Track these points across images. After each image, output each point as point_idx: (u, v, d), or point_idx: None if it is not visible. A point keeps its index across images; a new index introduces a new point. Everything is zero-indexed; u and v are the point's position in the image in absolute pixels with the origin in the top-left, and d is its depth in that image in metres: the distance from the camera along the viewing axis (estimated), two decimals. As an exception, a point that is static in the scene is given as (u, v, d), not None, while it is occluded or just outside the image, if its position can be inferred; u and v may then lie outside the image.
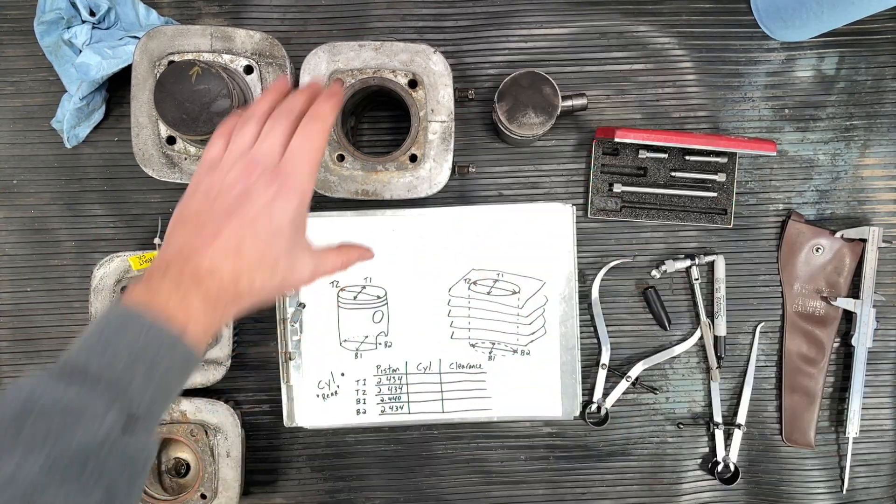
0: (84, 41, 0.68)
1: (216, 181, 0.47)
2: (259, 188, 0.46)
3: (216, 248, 0.44)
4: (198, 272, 0.43)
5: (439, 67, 0.65)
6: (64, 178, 0.76)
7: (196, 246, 0.44)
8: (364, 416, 0.75)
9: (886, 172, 0.77)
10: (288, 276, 0.48)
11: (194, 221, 0.46)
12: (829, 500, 0.79)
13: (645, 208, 0.76)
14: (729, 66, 0.76)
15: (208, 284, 0.43)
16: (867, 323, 0.75)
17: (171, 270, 0.43)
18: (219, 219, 0.45)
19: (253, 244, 0.45)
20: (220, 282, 0.44)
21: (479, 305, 0.75)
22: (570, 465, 0.78)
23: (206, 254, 0.44)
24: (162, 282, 0.43)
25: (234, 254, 0.44)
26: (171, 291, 0.42)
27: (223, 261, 0.44)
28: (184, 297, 0.42)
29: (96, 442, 0.37)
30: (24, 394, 0.38)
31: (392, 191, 0.66)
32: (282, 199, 0.46)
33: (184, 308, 0.42)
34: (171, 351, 0.41)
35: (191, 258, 0.44)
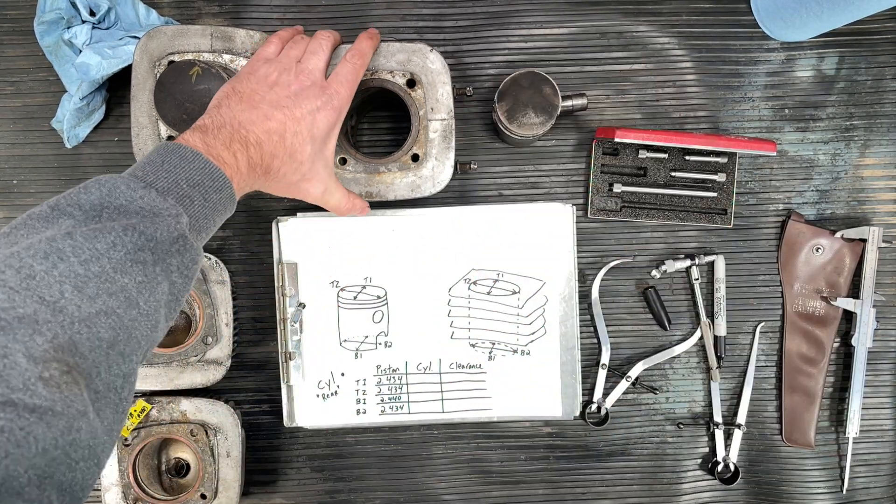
0: (84, 41, 0.68)
1: (272, 73, 0.56)
2: (310, 95, 0.55)
3: (266, 128, 0.52)
4: (247, 140, 0.51)
5: (437, 66, 0.65)
6: (64, 178, 0.76)
7: (250, 119, 0.52)
8: (364, 416, 0.75)
9: (886, 172, 0.77)
10: (304, 179, 0.57)
11: (248, 99, 0.54)
12: (829, 500, 0.79)
13: (645, 208, 0.76)
14: (729, 66, 0.76)
15: (252, 152, 0.51)
16: (867, 323, 0.75)
17: (224, 132, 0.50)
18: (272, 106, 0.53)
19: (293, 137, 0.54)
20: (261, 154, 0.52)
21: (479, 305, 0.75)
22: (570, 465, 0.78)
23: (256, 129, 0.52)
24: (217, 138, 0.50)
25: (278, 138, 0.53)
26: (223, 147, 0.50)
27: (268, 140, 0.52)
28: (234, 154, 0.50)
29: (170, 240, 0.43)
30: (107, 186, 0.43)
31: (396, 191, 0.66)
32: (325, 111, 0.56)
33: (233, 162, 0.50)
34: (221, 189, 0.48)
35: (243, 127, 0.51)
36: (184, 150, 0.47)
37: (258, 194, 0.76)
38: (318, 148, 0.56)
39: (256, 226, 0.76)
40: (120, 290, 0.40)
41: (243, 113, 0.52)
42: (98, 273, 0.39)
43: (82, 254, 0.39)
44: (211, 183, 0.47)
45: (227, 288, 0.72)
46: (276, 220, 0.73)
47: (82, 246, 0.39)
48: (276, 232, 0.73)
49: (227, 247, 0.77)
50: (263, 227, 0.76)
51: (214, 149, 0.49)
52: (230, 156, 0.50)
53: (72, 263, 0.38)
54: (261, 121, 0.52)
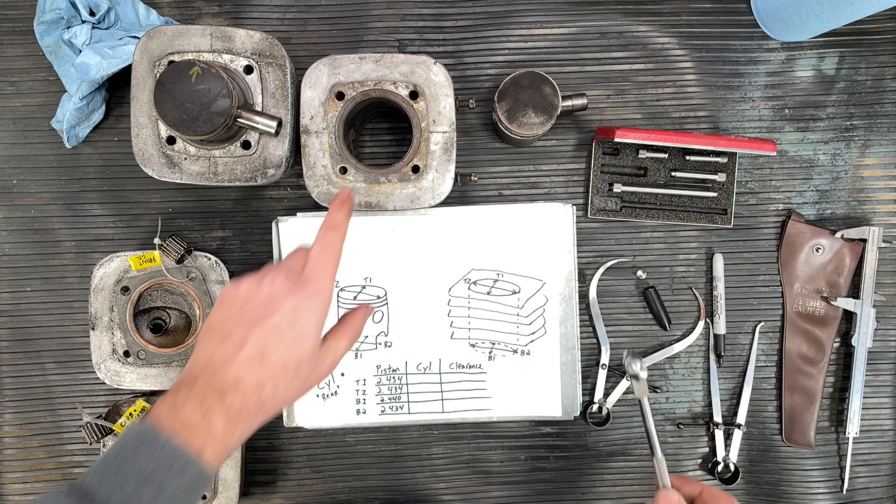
0: (84, 41, 0.68)
1: (241, 291, 0.48)
2: (283, 295, 0.47)
3: (241, 358, 0.45)
4: (223, 386, 0.44)
5: (440, 78, 0.65)
6: (64, 178, 0.76)
7: (224, 355, 0.46)
8: (364, 417, 0.75)
9: (886, 172, 0.77)
10: (311, 376, 0.49)
11: (220, 331, 0.47)
12: (829, 501, 0.79)
13: (645, 208, 0.76)
14: (729, 66, 0.76)
15: (231, 399, 0.44)
16: (867, 323, 0.75)
17: (197, 386, 0.44)
18: (244, 328, 0.47)
19: (277, 351, 0.46)
20: (243, 394, 0.45)
21: (479, 305, 0.75)
22: (570, 465, 0.78)
23: (231, 366, 0.45)
24: (187, 399, 0.44)
25: (259, 362, 0.45)
26: (193, 410, 0.43)
27: (247, 371, 0.45)
28: (205, 415, 0.43)
29: None
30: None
31: (395, 202, 0.66)
32: (305, 305, 0.47)
33: (205, 426, 0.43)
34: (182, 472, 0.41)
35: (217, 372, 0.45)
36: (144, 433, 0.42)
37: (258, 194, 0.76)
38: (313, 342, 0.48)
39: (256, 225, 0.76)
40: None
41: (216, 350, 0.46)
42: None
43: None
44: (167, 469, 0.41)
45: (226, 288, 0.72)
46: (276, 220, 0.73)
47: None
48: (275, 231, 0.73)
49: (226, 247, 0.77)
50: (263, 226, 0.76)
51: (183, 415, 0.43)
52: (201, 418, 0.43)
53: None
54: (235, 351, 0.46)
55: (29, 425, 0.77)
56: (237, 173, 0.66)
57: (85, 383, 0.77)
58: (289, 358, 0.47)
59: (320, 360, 0.49)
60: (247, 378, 0.45)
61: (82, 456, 0.77)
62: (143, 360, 0.72)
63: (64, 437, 0.77)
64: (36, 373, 0.77)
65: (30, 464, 0.77)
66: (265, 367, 0.46)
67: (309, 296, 0.48)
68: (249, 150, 0.66)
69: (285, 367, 0.46)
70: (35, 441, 0.77)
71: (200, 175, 0.66)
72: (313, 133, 0.66)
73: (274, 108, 0.65)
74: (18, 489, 0.77)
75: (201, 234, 0.76)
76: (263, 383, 0.45)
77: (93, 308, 0.71)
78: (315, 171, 0.66)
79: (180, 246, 0.71)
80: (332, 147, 0.66)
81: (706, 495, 0.52)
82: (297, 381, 0.48)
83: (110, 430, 0.69)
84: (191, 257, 0.72)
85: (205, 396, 0.44)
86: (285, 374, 0.46)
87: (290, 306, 0.47)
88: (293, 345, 0.47)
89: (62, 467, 0.77)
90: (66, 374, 0.77)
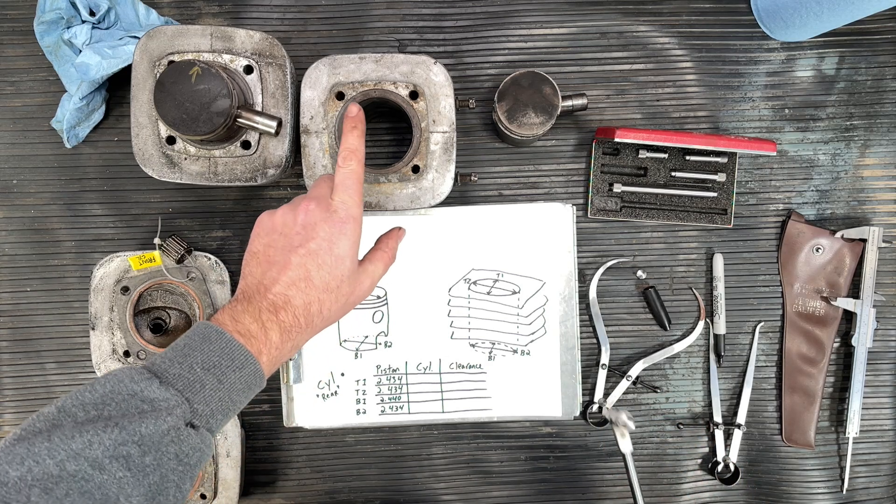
0: (84, 41, 0.68)
1: (277, 220, 0.53)
2: (318, 221, 0.52)
3: (287, 280, 0.50)
4: (275, 304, 0.49)
5: (440, 78, 0.65)
6: (64, 178, 0.76)
7: (271, 278, 0.51)
8: (364, 417, 0.75)
9: (886, 172, 0.77)
10: (353, 295, 0.54)
11: (264, 257, 0.52)
12: (829, 501, 0.79)
13: (645, 208, 0.76)
14: (729, 66, 0.76)
15: (284, 315, 0.49)
16: (867, 323, 0.75)
17: (252, 303, 0.49)
18: (286, 252, 0.51)
19: (319, 273, 0.51)
20: (294, 311, 0.50)
21: (479, 305, 0.75)
22: (570, 465, 0.78)
23: (279, 287, 0.50)
24: (244, 312, 0.49)
25: (304, 283, 0.50)
26: (252, 321, 0.48)
27: (297, 292, 0.50)
28: (262, 326, 0.48)
29: (160, 432, 0.42)
30: (112, 382, 0.44)
31: (395, 202, 0.66)
32: (339, 230, 0.52)
33: (262, 335, 0.48)
34: (241, 368, 0.47)
35: (268, 291, 0.50)
36: (209, 331, 0.47)
37: (258, 194, 0.76)
38: (350, 263, 0.53)
39: (256, 226, 0.76)
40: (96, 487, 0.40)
41: (265, 274, 0.51)
42: (74, 472, 0.39)
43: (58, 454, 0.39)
44: (229, 363, 0.46)
45: (226, 288, 0.72)
46: (276, 220, 0.73)
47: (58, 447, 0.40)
48: (276, 232, 0.73)
49: (226, 247, 0.77)
50: (263, 227, 0.76)
51: (243, 324, 0.48)
52: (259, 328, 0.48)
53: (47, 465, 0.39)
54: (280, 275, 0.50)
55: (29, 425, 0.77)
56: (237, 173, 0.66)
57: (85, 383, 0.76)
58: (330, 279, 0.51)
59: (359, 280, 0.54)
60: (295, 298, 0.50)
61: (82, 456, 0.77)
62: (143, 360, 0.72)
63: (64, 437, 0.77)
64: (36, 373, 0.77)
65: (30, 464, 0.77)
66: (310, 288, 0.51)
67: (342, 220, 0.52)
68: (249, 150, 0.66)
69: (328, 288, 0.51)
70: (35, 441, 0.77)
71: (200, 175, 0.66)
72: (313, 133, 0.66)
73: (274, 108, 0.65)
74: (18, 489, 0.77)
75: (201, 234, 0.76)
76: (310, 303, 0.50)
77: (93, 308, 0.71)
78: (315, 171, 0.66)
79: (180, 246, 0.71)
80: (332, 147, 0.66)
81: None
82: (339, 301, 0.53)
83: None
84: (191, 257, 0.72)
85: (260, 311, 0.49)
86: (328, 293, 0.51)
87: (326, 232, 0.52)
88: (333, 267, 0.51)
89: (62, 467, 0.77)
90: (66, 374, 0.77)
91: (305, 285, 0.50)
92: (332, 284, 0.51)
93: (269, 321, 0.49)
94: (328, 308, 0.52)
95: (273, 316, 0.49)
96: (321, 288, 0.51)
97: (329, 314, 0.52)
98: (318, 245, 0.51)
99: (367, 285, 0.55)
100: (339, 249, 0.52)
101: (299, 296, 0.50)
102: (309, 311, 0.50)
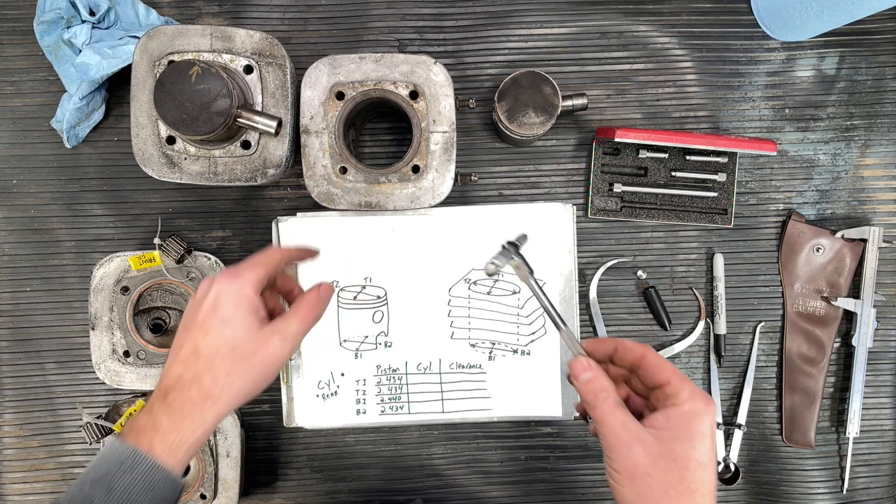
0: (84, 41, 0.68)
1: (188, 308, 0.51)
2: (206, 290, 0.50)
3: (179, 360, 0.48)
4: (166, 388, 0.48)
5: (440, 78, 0.65)
6: (64, 177, 0.76)
7: (168, 365, 0.49)
8: (364, 417, 0.75)
9: (887, 172, 0.77)
10: (257, 356, 0.49)
11: (172, 346, 0.50)
12: (829, 501, 0.78)
13: (645, 208, 0.76)
14: (729, 66, 0.76)
15: (172, 396, 0.47)
16: (867, 323, 0.75)
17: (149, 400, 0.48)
18: (181, 336, 0.50)
19: (206, 341, 0.48)
20: (182, 389, 0.47)
21: (479, 305, 0.75)
22: (570, 465, 0.78)
23: (172, 370, 0.48)
24: (140, 412, 0.48)
25: (194, 356, 0.48)
26: (142, 416, 0.47)
27: (184, 368, 0.48)
28: (152, 417, 0.46)
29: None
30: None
31: (395, 202, 0.66)
32: (224, 290, 0.49)
33: (151, 426, 0.46)
34: (131, 469, 0.44)
35: (164, 378, 0.48)
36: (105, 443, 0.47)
37: (258, 194, 0.76)
38: (241, 322, 0.49)
39: (256, 225, 0.76)
40: None
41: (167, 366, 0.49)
42: None
43: None
44: (118, 467, 0.44)
45: (226, 288, 0.72)
46: (276, 220, 0.73)
47: None
48: (275, 231, 0.73)
49: (226, 247, 0.76)
50: (263, 226, 0.76)
51: (135, 422, 0.47)
52: (147, 420, 0.46)
53: None
54: (175, 358, 0.49)
55: (29, 425, 0.77)
56: (237, 173, 0.66)
57: (85, 383, 0.77)
58: (220, 343, 0.48)
59: (264, 338, 0.49)
60: (184, 374, 0.48)
61: (82, 456, 0.77)
62: (143, 360, 0.72)
63: (64, 437, 0.77)
64: (36, 373, 0.77)
65: (30, 464, 0.77)
66: (199, 358, 0.48)
67: (227, 280, 0.49)
68: (249, 149, 0.66)
69: (219, 354, 0.48)
70: (35, 441, 0.77)
71: (200, 175, 0.66)
72: (313, 133, 0.66)
73: (274, 107, 0.65)
74: (18, 489, 0.77)
75: (201, 233, 0.76)
76: (200, 374, 0.47)
77: (93, 308, 0.71)
78: (315, 171, 0.66)
79: (180, 246, 0.71)
80: (331, 147, 0.66)
81: (621, 350, 0.49)
82: (239, 364, 0.48)
83: (110, 430, 0.69)
84: (191, 257, 0.72)
85: (153, 402, 0.47)
86: (221, 359, 0.48)
87: (212, 296, 0.49)
88: (220, 331, 0.48)
89: (62, 467, 0.77)
90: (65, 374, 0.77)
91: (194, 358, 0.48)
92: (224, 349, 0.48)
93: (158, 409, 0.47)
94: (225, 374, 0.47)
95: (162, 401, 0.47)
96: (211, 356, 0.48)
97: (230, 380, 0.48)
98: (205, 313, 0.49)
99: (276, 344, 0.49)
100: (225, 311, 0.48)
101: (188, 371, 0.47)
102: (200, 382, 0.47)
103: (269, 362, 0.49)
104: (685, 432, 0.44)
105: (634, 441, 0.44)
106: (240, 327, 0.48)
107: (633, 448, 0.43)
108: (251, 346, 0.48)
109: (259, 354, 0.49)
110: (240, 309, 0.49)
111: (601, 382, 0.46)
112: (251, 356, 0.48)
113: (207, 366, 0.47)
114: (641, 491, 0.43)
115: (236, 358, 0.48)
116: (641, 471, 0.43)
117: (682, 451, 0.43)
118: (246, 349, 0.48)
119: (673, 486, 0.43)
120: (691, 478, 0.43)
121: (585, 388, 0.47)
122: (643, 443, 0.44)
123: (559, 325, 0.50)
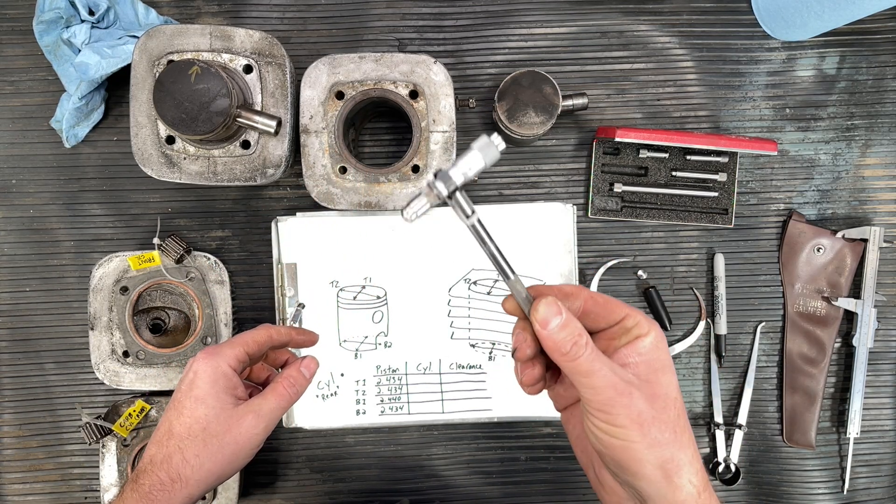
0: (83, 40, 0.68)
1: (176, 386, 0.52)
2: (186, 371, 0.50)
3: (155, 441, 0.48)
4: (139, 472, 0.47)
5: (440, 78, 0.65)
6: (63, 177, 0.76)
7: (148, 445, 0.49)
8: (364, 417, 0.75)
9: (887, 172, 0.77)
10: (229, 435, 0.48)
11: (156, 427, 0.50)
12: (829, 501, 0.78)
13: (645, 208, 0.76)
14: (730, 66, 0.76)
15: (143, 479, 0.47)
16: (868, 323, 0.75)
17: (129, 477, 0.49)
18: (165, 413, 0.50)
19: (179, 421, 0.48)
20: (153, 471, 0.47)
21: (479, 305, 0.74)
22: (570, 465, 0.78)
23: (148, 452, 0.48)
24: (118, 494, 0.48)
25: (167, 437, 0.48)
26: (118, 499, 0.47)
27: (157, 449, 0.48)
28: (121, 499, 0.47)
29: None
30: None
31: (395, 202, 0.66)
32: (200, 369, 0.49)
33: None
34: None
35: (142, 459, 0.48)
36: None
37: (257, 194, 0.76)
38: (213, 401, 0.48)
39: (256, 225, 0.76)
40: None
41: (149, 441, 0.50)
42: None
43: None
44: None
45: (226, 288, 0.72)
46: (276, 220, 0.73)
47: None
48: (275, 231, 0.73)
49: (226, 247, 0.76)
50: (263, 226, 0.76)
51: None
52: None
53: None
54: (152, 441, 0.49)
55: (28, 425, 0.77)
56: (236, 173, 0.66)
57: (84, 383, 0.76)
58: (192, 422, 0.48)
59: (237, 417, 0.48)
60: (156, 456, 0.47)
61: (81, 456, 0.77)
62: (143, 360, 0.72)
63: (63, 437, 0.77)
64: (35, 373, 0.76)
65: (29, 464, 0.77)
66: (171, 439, 0.47)
67: (205, 357, 0.49)
68: (249, 149, 0.65)
69: (190, 433, 0.47)
70: (34, 441, 0.77)
71: (200, 175, 0.66)
72: (313, 133, 0.66)
73: (273, 107, 0.65)
74: (18, 489, 0.77)
75: (201, 233, 0.76)
76: (170, 454, 0.47)
77: (92, 308, 0.71)
78: (315, 171, 0.66)
79: (179, 246, 0.71)
80: (331, 147, 0.66)
81: (560, 296, 0.40)
82: (211, 444, 0.47)
83: (109, 431, 0.69)
84: (190, 257, 0.72)
85: (126, 486, 0.47)
86: (192, 440, 0.47)
87: (190, 375, 0.49)
88: (193, 410, 0.48)
89: (62, 467, 0.77)
90: (65, 374, 0.77)
91: (167, 438, 0.48)
92: (196, 428, 0.47)
93: (130, 493, 0.46)
94: (195, 454, 0.47)
95: (133, 484, 0.47)
96: (183, 435, 0.47)
97: (199, 461, 0.47)
98: (182, 392, 0.48)
99: (249, 422, 0.48)
100: (199, 389, 0.48)
101: (160, 452, 0.47)
102: (170, 463, 0.47)
103: (241, 442, 0.48)
104: (660, 363, 0.39)
105: (629, 386, 0.38)
106: (212, 406, 0.48)
107: (633, 395, 0.38)
108: (223, 424, 0.48)
109: (231, 433, 0.48)
110: (215, 387, 0.48)
111: (577, 325, 0.38)
112: (223, 435, 0.48)
113: (178, 446, 0.47)
114: (653, 437, 0.38)
115: (207, 437, 0.47)
116: (648, 416, 0.38)
117: (666, 382, 0.39)
118: (218, 428, 0.48)
119: (674, 422, 0.38)
120: (680, 410, 0.39)
121: (560, 337, 0.37)
122: (636, 386, 0.38)
123: (507, 274, 0.41)
